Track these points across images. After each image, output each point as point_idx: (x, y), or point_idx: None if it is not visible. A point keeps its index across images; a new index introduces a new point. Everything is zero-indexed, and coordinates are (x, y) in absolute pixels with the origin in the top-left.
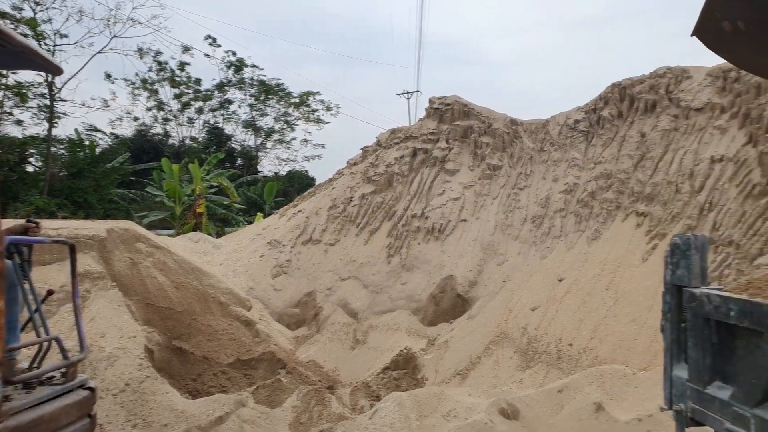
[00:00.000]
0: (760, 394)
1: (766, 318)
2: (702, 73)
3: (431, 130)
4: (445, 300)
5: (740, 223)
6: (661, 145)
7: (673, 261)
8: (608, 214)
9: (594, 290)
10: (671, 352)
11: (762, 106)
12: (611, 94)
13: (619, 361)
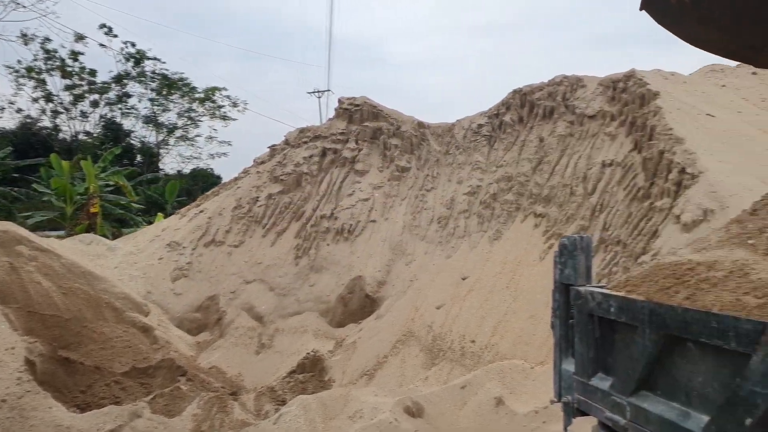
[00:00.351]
0: (634, 383)
1: (640, 313)
2: (594, 83)
3: (341, 131)
4: (353, 301)
5: (627, 223)
6: (558, 149)
7: (561, 261)
8: (509, 215)
9: (495, 288)
10: (560, 347)
11: (645, 115)
12: (512, 100)
13: (518, 356)
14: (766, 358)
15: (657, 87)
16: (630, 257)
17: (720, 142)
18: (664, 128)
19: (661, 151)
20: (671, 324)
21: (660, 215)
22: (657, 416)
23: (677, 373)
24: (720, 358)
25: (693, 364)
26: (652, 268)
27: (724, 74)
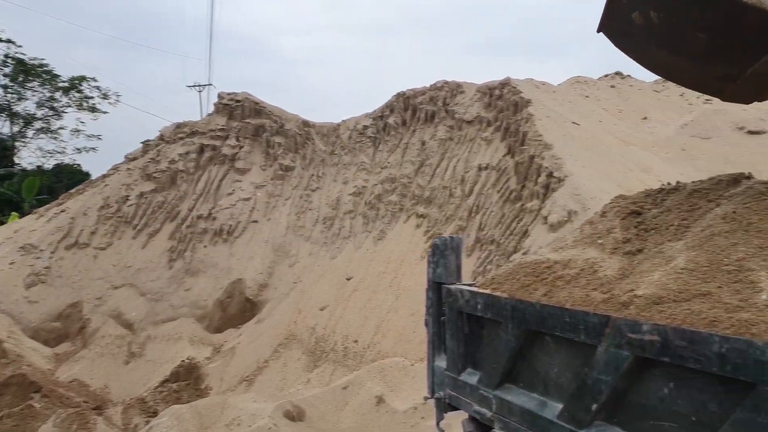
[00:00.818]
0: (499, 377)
1: (503, 310)
2: (473, 89)
3: (220, 127)
4: (233, 305)
5: (500, 224)
6: (439, 152)
7: (434, 260)
8: (392, 216)
9: (379, 288)
10: (433, 344)
11: (518, 122)
12: (396, 103)
13: (399, 354)
14: (609, 349)
15: (529, 95)
16: (503, 255)
17: (583, 149)
18: (534, 134)
19: (532, 156)
20: (530, 319)
21: (530, 216)
22: (519, 407)
23: (537, 365)
24: (572, 350)
25: (550, 356)
26: (515, 267)
27: (587, 86)
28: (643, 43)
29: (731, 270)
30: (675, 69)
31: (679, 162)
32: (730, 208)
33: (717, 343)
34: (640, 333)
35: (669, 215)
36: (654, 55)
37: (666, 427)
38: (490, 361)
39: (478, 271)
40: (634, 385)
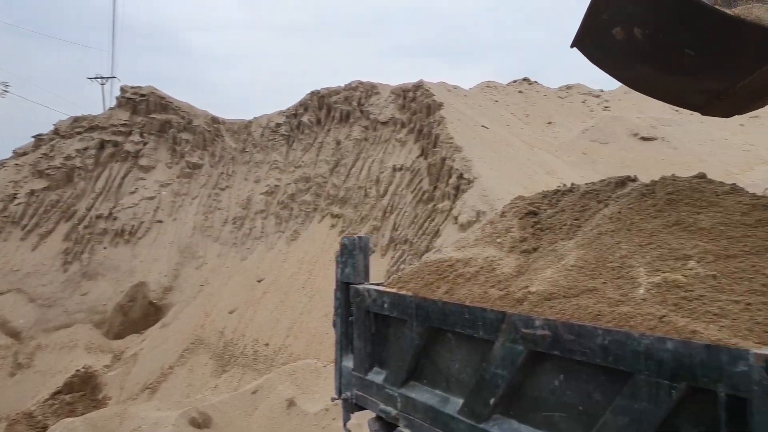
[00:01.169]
0: (404, 375)
1: (408, 308)
2: (387, 90)
3: (123, 122)
4: (135, 309)
5: (413, 224)
6: (354, 152)
7: (342, 260)
8: (306, 216)
9: (291, 289)
10: (341, 345)
11: (431, 124)
12: (311, 101)
13: (311, 355)
14: (505, 344)
15: (441, 98)
16: (416, 255)
17: (492, 152)
18: (446, 137)
19: (443, 158)
20: (433, 317)
21: (441, 216)
22: (422, 404)
23: (440, 362)
24: (472, 346)
25: (451, 353)
26: (420, 266)
27: (497, 90)
28: (623, 58)
29: (615, 267)
30: (656, 85)
31: (580, 165)
32: (616, 208)
33: (600, 335)
34: (533, 328)
35: (563, 215)
36: (634, 71)
37: (556, 418)
38: (396, 359)
39: (392, 270)
40: (529, 378)
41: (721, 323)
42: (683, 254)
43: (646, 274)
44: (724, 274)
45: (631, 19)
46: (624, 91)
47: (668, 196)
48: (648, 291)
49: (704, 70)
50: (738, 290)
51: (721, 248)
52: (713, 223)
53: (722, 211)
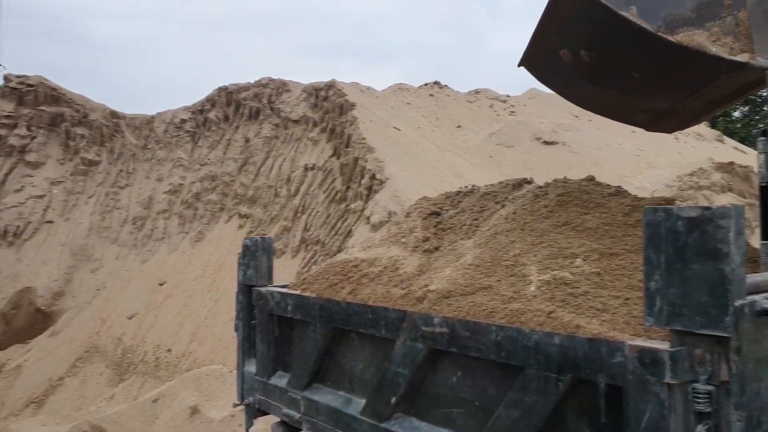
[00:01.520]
0: (307, 377)
1: (311, 310)
2: (299, 89)
3: (7, 113)
4: (19, 317)
5: (325, 224)
6: (263, 151)
7: (244, 262)
8: (212, 216)
9: (196, 292)
10: (243, 349)
11: (343, 124)
12: (218, 97)
13: (217, 360)
14: (406, 342)
15: (354, 99)
16: (327, 256)
17: (403, 153)
18: (358, 137)
19: (356, 158)
20: (337, 318)
21: (354, 216)
22: (326, 406)
23: (343, 363)
24: (374, 346)
25: (355, 353)
26: (325, 267)
27: (408, 93)
28: (569, 78)
29: (509, 265)
30: (603, 104)
31: (487, 167)
32: (512, 209)
33: (494, 332)
34: (432, 326)
35: (463, 215)
36: (581, 91)
37: (455, 414)
38: (300, 362)
39: (303, 271)
40: (429, 376)
41: (602, 317)
42: (571, 252)
43: (537, 271)
44: (607, 271)
45: (578, 42)
46: (528, 97)
47: (559, 198)
48: (538, 288)
49: (648, 91)
50: (618, 286)
51: (605, 247)
52: (598, 223)
53: (607, 212)
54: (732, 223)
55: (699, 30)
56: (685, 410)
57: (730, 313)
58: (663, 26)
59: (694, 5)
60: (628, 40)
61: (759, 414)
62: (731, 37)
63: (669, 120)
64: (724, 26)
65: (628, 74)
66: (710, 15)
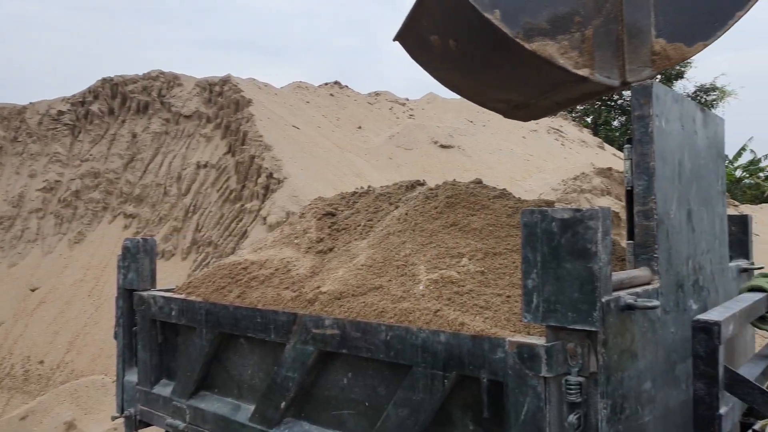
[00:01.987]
0: (193, 385)
1: (197, 314)
2: (192, 83)
3: None
4: None
5: (219, 225)
6: (152, 147)
7: (124, 265)
8: (94, 215)
9: (74, 298)
10: (123, 358)
11: (239, 121)
12: (102, 89)
13: (98, 371)
14: (296, 346)
15: (251, 95)
16: (221, 257)
17: (303, 152)
18: (255, 135)
19: (252, 156)
20: (224, 322)
21: (249, 217)
22: (213, 414)
23: (231, 369)
24: (264, 350)
25: (243, 358)
26: (213, 269)
27: (308, 92)
28: (438, 62)
29: (399, 265)
30: (466, 89)
31: (386, 169)
32: (404, 210)
33: (383, 331)
34: (323, 328)
35: (358, 216)
36: (448, 75)
37: (345, 416)
38: (185, 369)
39: (194, 275)
40: (319, 378)
41: (485, 315)
42: (458, 252)
43: (425, 271)
44: (491, 270)
45: (446, 32)
46: (427, 101)
47: (448, 200)
48: (426, 287)
49: (505, 86)
50: (501, 284)
51: (489, 246)
52: (484, 224)
53: (492, 213)
54: (600, 224)
55: (551, 41)
56: (559, 401)
57: (598, 309)
58: (521, 33)
59: (549, 18)
60: (490, 39)
61: (622, 401)
62: (577, 52)
63: (523, 111)
64: (572, 41)
65: (488, 69)
66: (562, 29)
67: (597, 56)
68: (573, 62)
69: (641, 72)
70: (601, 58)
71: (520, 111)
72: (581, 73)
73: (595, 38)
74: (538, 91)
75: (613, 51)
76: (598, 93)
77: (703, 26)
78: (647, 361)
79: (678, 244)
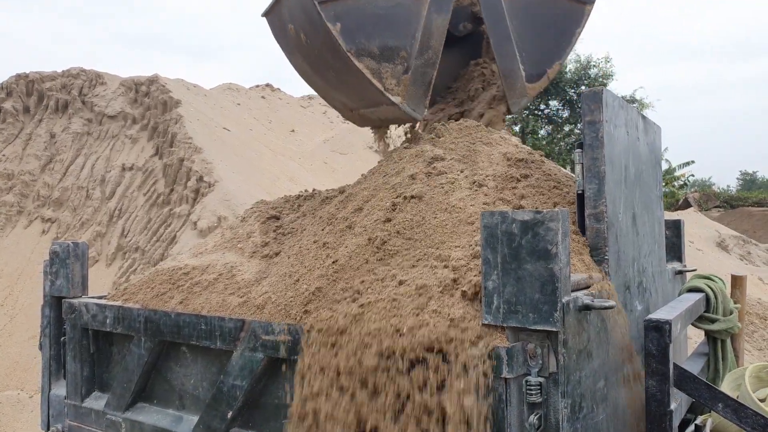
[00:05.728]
0: (130, 396)
1: (135, 322)
2: (116, 82)
3: None
4: None
5: (146, 229)
6: (73, 148)
7: (52, 271)
8: (8, 220)
9: None
10: (50, 370)
11: (167, 122)
12: (16, 85)
13: (13, 386)
14: (244, 353)
15: (179, 96)
16: (149, 264)
17: (234, 155)
18: (184, 137)
19: (181, 159)
20: (165, 330)
21: (179, 221)
22: (152, 426)
23: (172, 379)
24: (209, 359)
25: (186, 367)
26: (151, 275)
27: (239, 93)
28: (293, 50)
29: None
30: (314, 83)
31: (321, 173)
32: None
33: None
34: (273, 334)
35: (304, 219)
36: (301, 65)
37: None
38: (121, 380)
39: (119, 281)
40: (269, 386)
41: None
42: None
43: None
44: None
45: (299, 25)
46: None
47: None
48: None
49: (340, 88)
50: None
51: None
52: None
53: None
54: (560, 226)
55: (376, 65)
56: (519, 402)
57: (559, 309)
58: (353, 49)
59: (380, 45)
60: (330, 46)
61: (580, 400)
62: (395, 81)
63: (357, 117)
64: (394, 71)
65: (328, 70)
66: (388, 58)
67: (410, 90)
68: (391, 89)
69: (520, 101)
70: (413, 92)
71: (354, 116)
72: (393, 98)
73: (413, 75)
74: (362, 103)
75: (424, 90)
76: (407, 121)
77: (555, 49)
78: (600, 360)
79: (625, 246)
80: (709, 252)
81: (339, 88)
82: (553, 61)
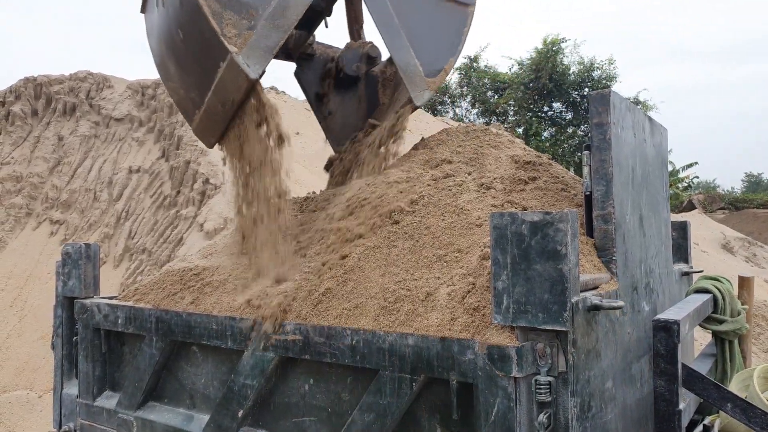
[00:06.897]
0: (141, 396)
1: (147, 322)
2: (123, 85)
3: None
4: None
5: (153, 231)
6: (81, 150)
7: (64, 272)
8: (17, 222)
9: None
10: (62, 370)
11: (173, 125)
12: (24, 88)
13: (23, 386)
14: (255, 352)
15: None
16: (156, 265)
17: None
18: (190, 139)
19: (188, 161)
20: (176, 329)
21: (185, 223)
22: (163, 425)
23: (183, 378)
24: (219, 358)
25: (197, 366)
26: (161, 276)
27: None
28: (152, 27)
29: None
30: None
31: (326, 176)
32: None
33: (349, 336)
34: (284, 334)
35: (311, 221)
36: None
37: (307, 423)
38: (132, 379)
39: (127, 283)
40: (279, 385)
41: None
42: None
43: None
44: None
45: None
46: None
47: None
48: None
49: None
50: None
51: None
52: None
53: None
54: (569, 227)
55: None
56: (529, 401)
57: (569, 309)
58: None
59: None
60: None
61: (589, 399)
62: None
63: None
64: (238, 23)
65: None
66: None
67: (250, 47)
68: (227, 35)
69: (423, 95)
70: (252, 51)
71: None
72: (228, 46)
73: (257, 35)
74: (202, 74)
75: (265, 53)
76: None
77: (448, 46)
78: (609, 360)
79: (632, 247)
80: (715, 254)
81: (183, 60)
82: (447, 58)
